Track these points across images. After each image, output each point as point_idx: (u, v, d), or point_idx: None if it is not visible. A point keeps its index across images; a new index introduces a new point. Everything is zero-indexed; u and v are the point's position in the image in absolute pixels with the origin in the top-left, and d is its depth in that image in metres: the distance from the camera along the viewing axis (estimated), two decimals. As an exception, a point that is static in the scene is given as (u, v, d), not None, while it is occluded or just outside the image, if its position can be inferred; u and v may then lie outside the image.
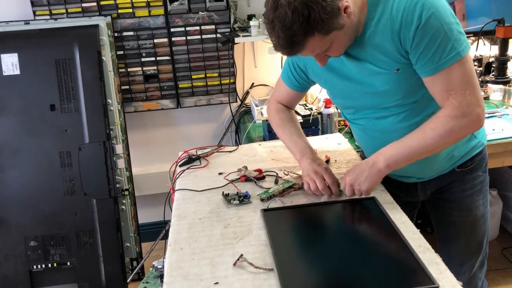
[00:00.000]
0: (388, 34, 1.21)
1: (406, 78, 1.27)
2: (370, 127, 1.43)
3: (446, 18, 1.17)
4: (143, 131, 2.81)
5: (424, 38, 1.17)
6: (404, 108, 1.33)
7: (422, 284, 0.99)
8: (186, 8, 2.52)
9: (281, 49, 1.19)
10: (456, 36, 1.18)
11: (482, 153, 1.52)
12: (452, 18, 1.19)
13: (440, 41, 1.17)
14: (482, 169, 1.54)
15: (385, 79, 1.28)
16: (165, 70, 2.63)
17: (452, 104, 1.22)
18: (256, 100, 2.61)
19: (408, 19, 1.17)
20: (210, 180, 1.56)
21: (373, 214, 1.29)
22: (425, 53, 1.19)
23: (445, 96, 1.23)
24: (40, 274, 2.34)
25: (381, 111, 1.37)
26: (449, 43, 1.18)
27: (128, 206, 2.49)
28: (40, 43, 2.33)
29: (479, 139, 1.49)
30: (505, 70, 2.41)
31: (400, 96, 1.31)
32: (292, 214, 1.32)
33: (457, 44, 1.18)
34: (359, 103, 1.40)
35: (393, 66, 1.25)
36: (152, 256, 1.80)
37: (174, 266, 1.15)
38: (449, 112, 1.23)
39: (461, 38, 1.19)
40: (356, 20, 1.22)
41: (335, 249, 1.17)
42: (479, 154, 1.50)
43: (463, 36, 1.20)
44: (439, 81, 1.22)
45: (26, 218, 2.31)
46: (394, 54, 1.23)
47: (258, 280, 1.07)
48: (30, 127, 2.30)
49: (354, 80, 1.34)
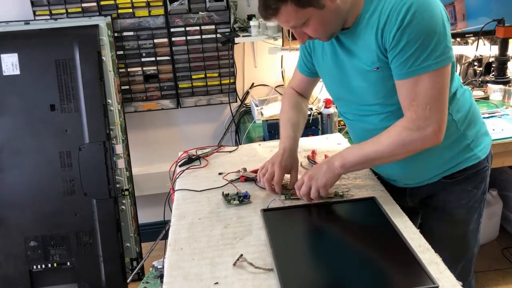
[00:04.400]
0: (374, 30, 1.20)
1: (385, 79, 1.25)
2: (356, 124, 1.43)
3: (431, 26, 1.15)
4: (143, 131, 2.81)
5: (402, 40, 1.15)
6: (386, 109, 1.32)
7: (422, 284, 0.99)
8: (186, 8, 2.52)
9: (260, 12, 1.22)
10: (435, 47, 1.15)
11: (476, 168, 1.42)
12: (438, 28, 1.15)
13: (417, 47, 1.15)
14: (475, 185, 1.44)
15: (364, 76, 1.28)
16: (165, 70, 2.63)
17: (411, 115, 1.21)
18: (256, 100, 2.61)
19: (393, 18, 1.16)
20: (210, 180, 1.56)
21: (373, 214, 1.29)
22: (400, 55, 1.17)
23: (407, 105, 1.21)
24: (40, 274, 2.34)
25: (364, 109, 1.36)
26: (425, 52, 1.15)
27: (128, 206, 2.49)
28: (40, 43, 2.33)
29: (475, 152, 1.41)
30: (505, 70, 2.41)
31: (380, 96, 1.30)
32: (292, 214, 1.32)
33: (434, 55, 1.15)
34: (346, 96, 1.40)
35: (374, 63, 1.24)
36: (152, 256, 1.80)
37: (174, 266, 1.15)
38: (405, 123, 1.22)
39: (440, 50, 1.16)
40: (346, 8, 1.22)
41: (335, 249, 1.17)
42: (472, 167, 1.41)
43: (444, 49, 1.17)
44: (406, 88, 1.20)
45: (26, 218, 2.31)
46: (376, 51, 1.22)
47: (258, 280, 1.07)
48: (30, 127, 2.30)
49: (343, 70, 1.34)
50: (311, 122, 2.25)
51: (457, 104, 1.35)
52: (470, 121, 1.39)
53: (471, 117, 1.39)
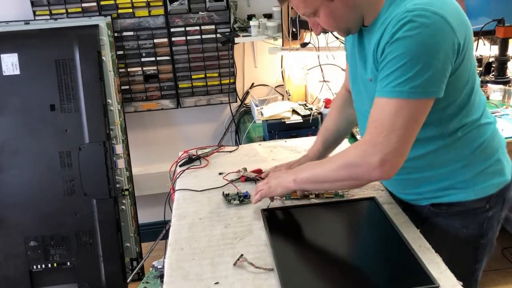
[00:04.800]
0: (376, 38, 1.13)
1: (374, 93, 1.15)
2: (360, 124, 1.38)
3: (420, 50, 1.03)
4: (143, 131, 2.81)
5: (388, 55, 1.06)
6: None
7: (422, 284, 0.99)
8: (186, 8, 2.51)
9: None
10: (416, 75, 1.03)
11: (466, 206, 1.24)
12: (428, 57, 1.03)
13: (398, 67, 1.04)
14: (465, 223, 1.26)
15: (363, 82, 1.24)
16: (165, 70, 2.63)
17: (365, 137, 1.11)
18: (256, 100, 2.61)
19: (388, 29, 1.07)
20: (210, 180, 1.56)
21: (373, 214, 1.29)
22: (383, 71, 1.08)
23: (369, 125, 1.11)
24: (40, 274, 2.34)
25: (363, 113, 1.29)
26: (404, 76, 1.04)
27: (128, 206, 2.49)
28: (40, 43, 2.32)
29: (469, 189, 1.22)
30: (505, 70, 2.41)
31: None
32: (292, 214, 1.32)
33: (411, 84, 1.04)
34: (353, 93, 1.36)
35: (368, 74, 1.19)
36: (152, 256, 1.80)
37: (174, 266, 1.15)
38: (357, 143, 1.15)
39: (419, 81, 1.03)
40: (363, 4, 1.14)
41: (335, 249, 1.17)
42: (460, 204, 1.24)
43: (426, 82, 1.04)
44: (375, 106, 1.11)
45: (26, 218, 2.31)
46: (373, 60, 1.15)
47: (258, 280, 1.07)
48: (30, 127, 2.30)
49: (355, 67, 1.28)
50: (311, 122, 2.25)
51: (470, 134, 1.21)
52: (476, 157, 1.23)
53: (479, 152, 1.23)
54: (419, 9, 1.04)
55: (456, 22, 1.06)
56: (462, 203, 1.24)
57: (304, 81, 2.60)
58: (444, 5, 1.06)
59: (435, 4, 1.05)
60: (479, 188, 1.24)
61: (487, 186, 1.24)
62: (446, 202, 1.25)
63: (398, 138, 1.06)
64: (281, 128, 2.25)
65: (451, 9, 1.07)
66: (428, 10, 1.03)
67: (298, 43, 2.38)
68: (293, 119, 2.27)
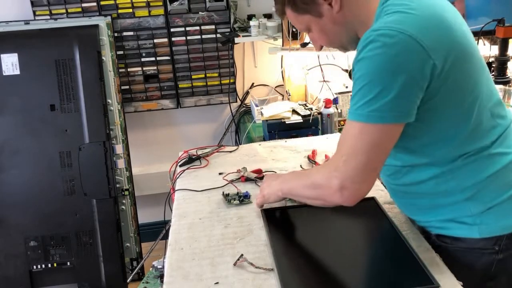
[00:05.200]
0: None
1: None
2: None
3: (382, 72, 0.95)
4: (143, 131, 2.81)
5: (354, 75, 1.01)
6: None
7: (422, 284, 0.99)
8: (186, 8, 2.51)
9: None
10: (375, 98, 0.96)
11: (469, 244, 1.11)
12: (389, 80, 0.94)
13: (360, 88, 0.98)
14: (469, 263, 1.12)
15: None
16: (165, 70, 2.62)
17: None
18: (256, 100, 2.61)
19: (358, 48, 1.00)
20: (210, 180, 1.56)
21: (373, 214, 1.29)
22: (352, 91, 1.02)
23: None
24: (40, 274, 2.34)
25: None
26: (365, 98, 0.97)
27: (128, 206, 2.49)
28: (40, 43, 2.32)
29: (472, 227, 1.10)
30: (505, 70, 2.40)
31: None
32: (292, 214, 1.32)
33: (370, 107, 0.97)
34: None
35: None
36: (152, 256, 1.80)
37: (174, 266, 1.15)
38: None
39: (378, 105, 0.96)
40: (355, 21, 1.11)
41: (335, 249, 1.17)
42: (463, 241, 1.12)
43: (384, 106, 0.96)
44: (343, 128, 1.06)
45: (26, 218, 2.31)
46: None
47: (258, 280, 1.07)
48: (30, 127, 2.30)
49: None
50: (311, 122, 2.25)
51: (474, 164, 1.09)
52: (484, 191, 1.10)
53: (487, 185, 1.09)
54: (384, 27, 0.96)
55: (433, 41, 0.96)
56: (466, 240, 1.12)
57: (304, 81, 2.60)
58: (420, 21, 0.97)
59: (406, 22, 0.96)
60: (486, 227, 1.10)
61: (496, 226, 1.10)
62: (449, 235, 1.14)
63: (357, 164, 1.01)
64: (281, 128, 2.26)
65: (431, 26, 0.98)
66: (394, 29, 0.95)
67: (298, 43, 2.38)
68: (293, 119, 2.27)
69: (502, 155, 1.10)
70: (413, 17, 0.98)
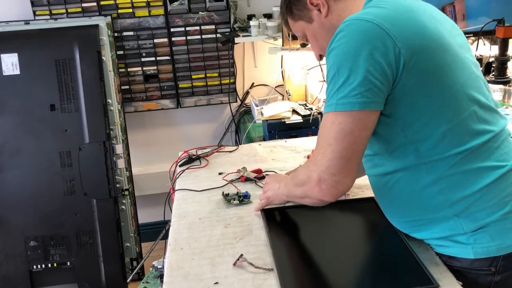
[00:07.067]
0: None
1: None
2: None
3: (347, 58, 0.97)
4: (143, 131, 2.81)
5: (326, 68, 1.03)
6: None
7: (422, 284, 0.99)
8: (186, 8, 2.51)
9: None
10: (344, 85, 0.97)
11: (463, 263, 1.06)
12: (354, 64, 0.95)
13: (330, 80, 1.01)
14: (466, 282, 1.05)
15: None
16: (165, 70, 2.62)
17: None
18: (256, 100, 2.61)
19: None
20: (210, 180, 1.56)
21: (373, 214, 1.29)
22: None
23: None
24: (40, 274, 2.34)
25: None
26: (334, 88, 0.99)
27: (128, 206, 2.49)
28: (40, 43, 2.32)
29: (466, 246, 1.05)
30: (505, 70, 2.40)
31: None
32: (292, 214, 1.32)
33: (339, 94, 0.98)
34: None
35: None
36: (152, 256, 1.80)
37: (174, 266, 1.15)
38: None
39: (347, 91, 0.96)
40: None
41: (335, 249, 1.17)
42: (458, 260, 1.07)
43: (351, 91, 0.96)
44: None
45: (26, 218, 2.30)
46: None
47: (258, 280, 1.07)
48: (30, 127, 2.30)
49: None
50: (311, 122, 2.25)
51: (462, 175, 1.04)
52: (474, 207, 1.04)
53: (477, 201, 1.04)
54: (352, 18, 0.99)
55: (400, 32, 0.97)
56: (461, 260, 1.06)
57: (304, 81, 2.60)
58: (390, 14, 1.00)
59: (376, 14, 0.99)
60: (480, 247, 1.04)
61: (491, 246, 1.03)
62: (445, 254, 1.09)
63: (332, 154, 0.99)
64: (281, 128, 2.26)
65: (401, 19, 1.00)
66: (362, 18, 0.98)
67: (298, 43, 2.38)
68: (293, 119, 2.27)
69: (491, 169, 1.04)
70: (384, 10, 1.01)
